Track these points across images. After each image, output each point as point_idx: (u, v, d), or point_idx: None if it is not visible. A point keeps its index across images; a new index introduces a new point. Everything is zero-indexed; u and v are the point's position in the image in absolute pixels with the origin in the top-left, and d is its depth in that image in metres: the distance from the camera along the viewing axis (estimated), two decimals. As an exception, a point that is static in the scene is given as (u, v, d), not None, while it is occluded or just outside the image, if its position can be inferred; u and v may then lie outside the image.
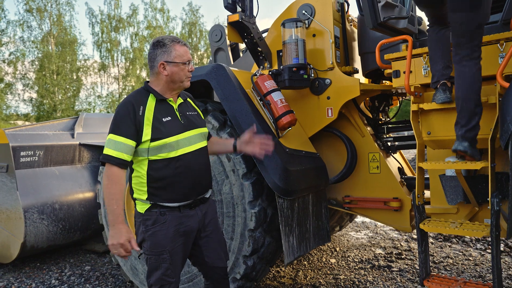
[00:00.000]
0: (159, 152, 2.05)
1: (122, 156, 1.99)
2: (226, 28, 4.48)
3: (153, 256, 2.09)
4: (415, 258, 4.42)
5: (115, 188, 2.00)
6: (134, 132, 2.01)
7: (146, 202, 2.10)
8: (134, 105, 2.04)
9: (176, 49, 2.09)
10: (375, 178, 3.46)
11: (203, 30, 32.71)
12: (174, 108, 2.15)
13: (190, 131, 2.14)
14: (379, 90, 3.50)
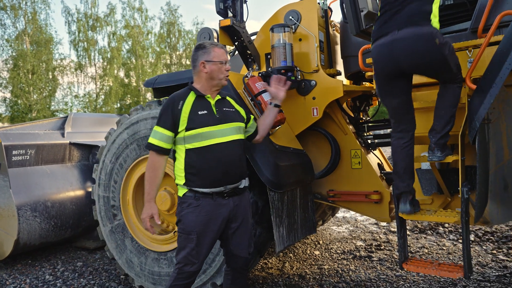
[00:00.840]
0: (193, 141, 2.34)
1: (161, 143, 2.36)
2: (214, 31, 4.69)
3: (183, 235, 2.38)
4: (393, 249, 4.72)
5: (151, 172, 2.39)
6: (172, 124, 2.35)
7: (184, 187, 2.39)
8: (175, 100, 2.40)
9: (215, 51, 2.42)
10: (357, 173, 3.71)
11: (182, 30, 32.61)
12: (211, 104, 2.44)
13: (224, 124, 2.41)
14: (360, 91, 3.76)
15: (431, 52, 2.33)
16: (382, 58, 2.47)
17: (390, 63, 2.45)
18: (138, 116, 3.53)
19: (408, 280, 3.75)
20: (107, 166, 3.74)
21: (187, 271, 2.38)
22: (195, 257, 2.37)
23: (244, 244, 2.55)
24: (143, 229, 3.56)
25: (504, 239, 4.76)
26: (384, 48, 2.43)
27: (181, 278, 2.38)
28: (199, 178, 2.35)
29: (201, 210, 2.35)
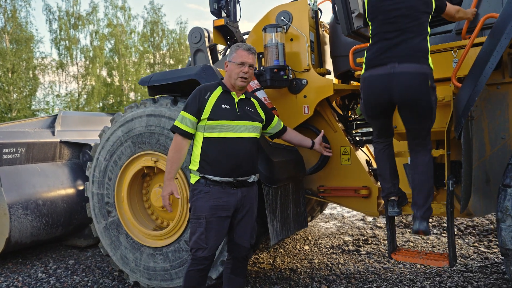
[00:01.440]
0: (212, 131, 2.52)
1: (185, 128, 2.56)
2: (205, 30, 4.76)
3: (193, 220, 2.56)
4: (380, 243, 4.87)
5: (174, 153, 2.58)
6: (197, 110, 2.54)
7: (196, 174, 2.57)
8: (203, 90, 2.61)
9: (237, 52, 2.63)
10: (347, 169, 3.84)
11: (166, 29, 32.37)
12: (235, 100, 2.63)
13: (243, 121, 2.59)
14: (349, 90, 3.89)
15: (423, 91, 2.42)
16: (378, 88, 2.53)
17: (385, 94, 2.52)
18: (133, 114, 3.58)
19: (395, 272, 3.90)
20: (101, 163, 3.77)
21: (199, 256, 2.52)
22: (204, 241, 2.51)
23: (247, 234, 2.70)
24: (138, 226, 3.61)
25: (484, 233, 4.97)
26: (383, 79, 2.48)
27: (195, 264, 2.53)
28: (211, 166, 2.52)
29: (211, 196, 2.52)
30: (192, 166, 2.62)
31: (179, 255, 3.38)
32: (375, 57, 2.53)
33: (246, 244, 2.71)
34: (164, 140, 3.40)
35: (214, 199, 2.51)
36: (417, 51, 2.43)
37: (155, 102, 3.52)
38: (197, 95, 2.58)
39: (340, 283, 3.69)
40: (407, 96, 2.44)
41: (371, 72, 2.56)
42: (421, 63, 2.42)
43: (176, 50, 32.66)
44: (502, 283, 3.48)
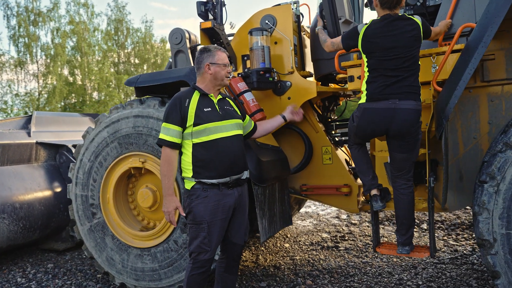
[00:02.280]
0: (200, 136, 2.54)
1: (172, 139, 2.54)
2: (186, 31, 4.79)
3: (194, 225, 2.56)
4: (356, 239, 5.07)
5: (167, 167, 2.56)
6: (180, 119, 2.54)
7: (191, 180, 2.57)
8: (182, 98, 2.59)
9: (219, 54, 2.65)
10: (328, 168, 3.99)
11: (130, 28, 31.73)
12: (214, 102, 2.66)
13: (226, 120, 2.63)
14: (330, 92, 4.05)
15: (416, 126, 2.71)
16: (380, 120, 2.73)
17: (384, 126, 2.74)
18: (119, 114, 3.57)
19: (374, 265, 4.09)
20: (85, 164, 3.73)
21: (202, 259, 2.55)
22: (208, 245, 2.54)
23: (241, 232, 2.76)
24: (125, 227, 3.60)
25: (452, 227, 5.28)
26: (385, 113, 2.69)
27: (197, 267, 2.55)
28: (206, 170, 2.55)
29: (209, 200, 2.54)
30: (185, 174, 2.62)
31: (168, 255, 3.40)
32: (379, 92, 2.72)
33: (241, 242, 2.77)
34: (152, 141, 3.41)
35: (213, 202, 2.54)
36: (414, 89, 2.69)
37: (142, 103, 3.53)
38: (176, 105, 2.56)
39: (324, 277, 3.83)
40: (402, 129, 2.70)
41: (373, 105, 2.74)
42: (417, 100, 2.69)
43: (141, 49, 32.06)
44: (472, 273, 3.74)
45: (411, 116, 2.69)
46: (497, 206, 2.42)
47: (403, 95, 2.68)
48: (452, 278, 3.66)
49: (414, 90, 2.69)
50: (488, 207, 2.45)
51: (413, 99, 2.69)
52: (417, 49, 2.70)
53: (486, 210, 2.47)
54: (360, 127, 2.86)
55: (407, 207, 2.86)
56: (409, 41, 2.67)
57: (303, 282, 3.73)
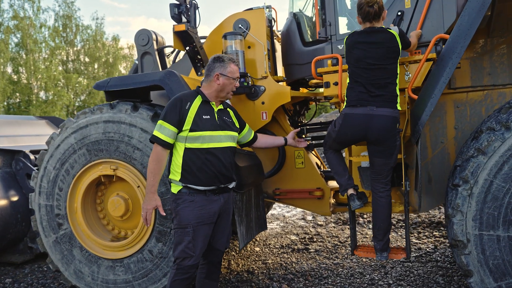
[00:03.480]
0: (194, 142, 2.52)
1: (166, 138, 2.51)
2: (153, 33, 4.66)
3: (179, 229, 2.54)
4: (325, 240, 5.17)
5: (155, 164, 2.53)
6: (178, 121, 2.51)
7: (178, 184, 2.55)
8: (183, 100, 2.57)
9: (231, 67, 2.65)
10: (301, 172, 4.03)
11: (80, 24, 30.45)
12: (214, 111, 2.66)
13: (222, 131, 2.63)
14: (302, 97, 4.09)
15: (392, 132, 2.81)
16: (358, 125, 2.84)
17: (362, 131, 2.84)
18: (88, 120, 3.40)
19: (345, 266, 4.18)
20: (50, 172, 3.51)
21: (186, 265, 2.52)
22: (192, 250, 2.53)
23: (224, 238, 2.77)
24: (94, 237, 3.43)
25: (414, 225, 5.52)
26: (363, 118, 2.80)
27: (180, 273, 2.51)
28: (194, 176, 2.53)
29: (196, 204, 2.54)
30: (172, 176, 2.60)
31: (142, 266, 3.29)
32: (357, 98, 2.83)
33: (223, 248, 2.77)
34: (125, 147, 3.28)
35: (199, 207, 2.54)
36: (390, 98, 2.80)
37: (113, 108, 3.38)
38: (177, 105, 2.55)
39: (298, 281, 3.86)
40: (379, 135, 2.80)
41: (352, 111, 2.85)
42: (393, 108, 2.80)
43: (91, 47, 30.86)
44: (438, 270, 3.92)
45: (387, 122, 2.80)
46: (470, 209, 2.55)
47: (379, 103, 2.79)
48: (419, 276, 3.82)
49: (390, 99, 2.81)
50: (462, 210, 2.58)
51: (390, 107, 2.80)
52: (395, 60, 2.80)
53: (460, 212, 2.60)
54: (341, 132, 2.94)
55: (385, 210, 2.95)
56: (386, 52, 2.78)
57: (279, 286, 3.74)
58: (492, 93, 3.21)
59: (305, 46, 3.84)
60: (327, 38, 3.54)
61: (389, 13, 3.31)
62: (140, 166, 3.24)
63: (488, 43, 3.17)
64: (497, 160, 2.46)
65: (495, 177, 2.47)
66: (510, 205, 2.44)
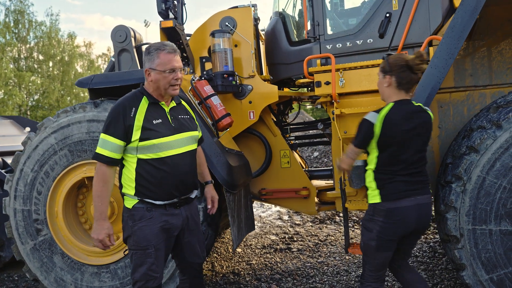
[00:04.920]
0: (147, 152, 2.17)
1: (112, 155, 2.15)
2: (131, 29, 4.50)
3: (139, 251, 2.19)
4: (305, 239, 5.20)
5: (102, 187, 2.17)
6: (123, 132, 2.14)
7: (133, 198, 2.21)
8: (126, 107, 2.18)
9: (160, 57, 2.19)
10: (287, 172, 4.02)
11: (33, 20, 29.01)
12: (166, 112, 2.28)
13: (180, 134, 2.27)
14: (288, 97, 4.09)
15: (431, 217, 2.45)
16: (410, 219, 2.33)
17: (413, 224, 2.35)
18: (69, 119, 3.22)
19: (330, 264, 4.23)
20: (27, 175, 3.29)
21: (150, 287, 2.23)
22: (156, 271, 2.22)
23: (197, 250, 2.47)
24: (77, 243, 3.25)
25: (389, 222, 5.67)
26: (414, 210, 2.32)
27: None
28: (151, 191, 2.20)
29: (155, 221, 2.20)
30: (126, 190, 2.23)
31: (130, 271, 3.14)
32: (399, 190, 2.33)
33: (199, 260, 2.49)
34: (111, 147, 3.13)
35: (159, 223, 2.21)
36: (427, 181, 2.44)
37: (97, 106, 3.22)
38: (120, 114, 2.14)
39: (286, 280, 3.86)
40: (426, 224, 2.43)
41: (397, 204, 2.33)
42: (430, 193, 2.44)
43: (46, 44, 29.46)
44: (419, 265, 4.05)
45: (430, 210, 2.44)
46: (464, 204, 2.64)
47: (421, 190, 2.37)
48: (403, 271, 3.91)
49: (427, 182, 2.44)
50: (456, 205, 2.67)
51: (428, 193, 2.42)
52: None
53: (453, 208, 2.68)
54: (388, 231, 2.34)
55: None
56: (429, 135, 2.41)
57: (268, 287, 3.71)
58: (474, 94, 3.35)
59: (292, 45, 3.84)
60: (315, 37, 3.56)
61: (377, 15, 3.39)
62: (127, 167, 3.10)
63: (470, 45, 3.30)
64: (489, 158, 2.56)
65: (488, 173, 2.57)
66: (502, 200, 2.55)
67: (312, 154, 9.87)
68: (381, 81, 2.40)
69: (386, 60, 2.36)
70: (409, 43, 3.29)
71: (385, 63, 2.35)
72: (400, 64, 2.29)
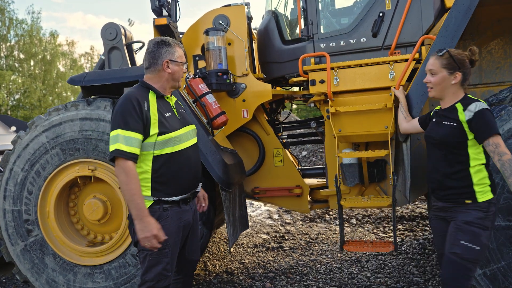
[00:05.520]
0: (164, 146, 2.14)
1: (134, 150, 2.05)
2: (121, 27, 4.45)
3: (156, 251, 2.12)
4: (296, 237, 5.22)
5: (135, 183, 2.04)
6: (142, 126, 2.08)
7: (149, 199, 2.15)
8: (139, 100, 2.11)
9: (178, 51, 2.27)
10: (280, 170, 4.03)
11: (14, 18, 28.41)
12: (172, 105, 2.30)
13: (186, 127, 2.29)
14: (281, 95, 4.10)
15: None
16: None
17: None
18: (61, 117, 3.16)
19: (323, 262, 4.25)
20: (17, 175, 3.22)
21: (161, 286, 2.18)
22: (169, 270, 2.21)
23: (197, 247, 2.48)
24: (70, 243, 3.20)
25: (379, 220, 5.74)
26: None
27: None
28: (169, 187, 2.18)
29: (171, 221, 2.19)
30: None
31: (124, 271, 3.11)
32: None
33: (197, 258, 2.50)
34: (104, 146, 3.09)
35: (175, 222, 2.20)
36: None
37: (90, 104, 3.17)
38: (135, 107, 2.08)
39: (280, 279, 3.87)
40: None
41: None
42: None
43: (27, 42, 28.88)
44: (410, 262, 4.10)
45: None
46: (458, 201, 2.69)
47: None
48: (394, 268, 3.97)
49: None
50: (450, 202, 2.71)
51: None
52: None
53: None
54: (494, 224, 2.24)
55: None
56: None
57: (262, 285, 3.71)
58: (464, 93, 3.41)
59: (285, 44, 3.85)
60: (309, 36, 3.58)
61: (370, 14, 3.42)
62: (121, 166, 3.06)
63: (461, 45, 3.36)
64: (483, 154, 2.61)
65: (481, 170, 2.62)
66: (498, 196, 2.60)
67: (300, 153, 9.91)
68: (446, 78, 2.22)
69: (450, 56, 2.21)
70: (402, 42, 3.33)
71: (451, 59, 2.21)
72: (467, 60, 2.23)
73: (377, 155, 3.07)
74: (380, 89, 3.18)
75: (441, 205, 2.29)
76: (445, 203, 2.26)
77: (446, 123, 2.22)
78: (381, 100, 3.15)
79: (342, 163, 3.54)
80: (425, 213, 5.88)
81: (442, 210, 2.29)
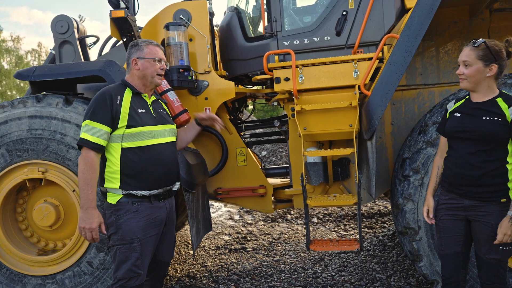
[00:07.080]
0: (133, 140, 2.22)
1: (99, 141, 2.16)
2: (74, 20, 4.20)
3: (124, 245, 2.18)
4: (259, 238, 5.16)
5: (91, 173, 2.14)
6: (110, 119, 2.18)
7: (118, 192, 2.21)
8: (112, 94, 2.23)
9: (149, 48, 2.35)
10: (243, 170, 3.94)
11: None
12: (148, 103, 2.37)
13: (162, 125, 2.36)
14: (244, 93, 4.01)
15: None
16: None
17: None
18: (7, 114, 2.90)
19: (286, 262, 4.21)
20: (-45, 178, 2.92)
21: (132, 286, 2.19)
22: (140, 268, 2.22)
23: (169, 249, 2.50)
24: (18, 253, 2.94)
25: (339, 218, 5.80)
26: None
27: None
28: (137, 180, 2.23)
29: (141, 215, 2.22)
30: (109, 184, 2.23)
31: (79, 280, 2.91)
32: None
33: (169, 260, 2.51)
34: (57, 146, 2.87)
35: (145, 216, 2.23)
36: None
37: (40, 101, 2.93)
38: (106, 101, 2.19)
39: (245, 281, 3.78)
40: None
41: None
42: None
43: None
44: (372, 259, 4.16)
45: None
46: (421, 197, 2.74)
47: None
48: (357, 265, 4.01)
49: None
50: (414, 199, 2.75)
51: None
52: None
53: (411, 201, 2.77)
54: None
55: None
56: None
57: (226, 289, 3.62)
58: (423, 92, 3.50)
59: (248, 41, 3.78)
60: (272, 33, 3.52)
61: (333, 12, 3.43)
62: (75, 168, 2.85)
63: (420, 45, 3.43)
64: (445, 151, 2.67)
65: (444, 167, 2.67)
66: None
67: (260, 153, 9.88)
68: (481, 70, 2.08)
69: (487, 47, 2.07)
70: (364, 41, 3.36)
71: (487, 51, 2.07)
72: (504, 52, 2.10)
73: (342, 153, 3.07)
74: (345, 87, 3.18)
75: (467, 204, 2.13)
76: (475, 201, 2.11)
77: (489, 119, 2.06)
78: (346, 98, 3.16)
79: (306, 162, 3.52)
80: (383, 210, 6.03)
81: (465, 209, 2.15)
